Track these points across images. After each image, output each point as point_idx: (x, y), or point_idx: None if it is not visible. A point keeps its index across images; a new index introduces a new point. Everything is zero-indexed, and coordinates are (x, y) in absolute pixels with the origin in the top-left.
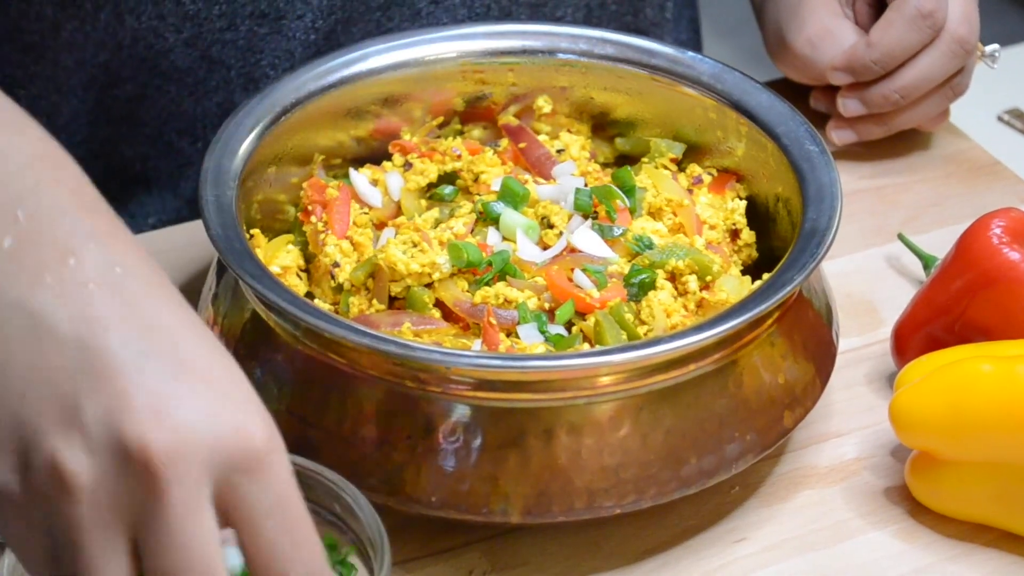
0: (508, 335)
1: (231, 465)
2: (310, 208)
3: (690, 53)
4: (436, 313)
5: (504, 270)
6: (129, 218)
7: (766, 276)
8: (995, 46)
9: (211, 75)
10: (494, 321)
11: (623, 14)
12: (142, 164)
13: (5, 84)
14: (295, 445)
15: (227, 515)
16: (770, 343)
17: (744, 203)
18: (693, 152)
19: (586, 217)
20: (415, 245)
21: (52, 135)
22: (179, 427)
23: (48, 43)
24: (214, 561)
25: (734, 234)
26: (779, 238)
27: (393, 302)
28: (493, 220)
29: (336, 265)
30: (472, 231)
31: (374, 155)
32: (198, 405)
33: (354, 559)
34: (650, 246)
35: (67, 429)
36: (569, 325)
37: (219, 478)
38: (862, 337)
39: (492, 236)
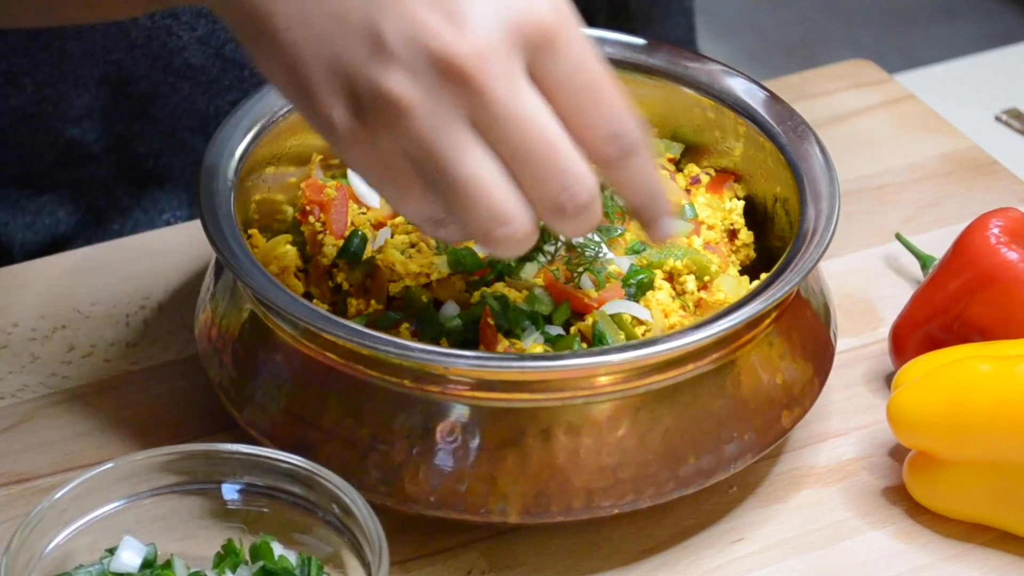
0: (506, 335)
1: (530, 46)
2: (308, 208)
3: (688, 52)
4: (435, 313)
5: (502, 270)
6: (143, 213)
7: (764, 276)
8: None
9: (225, 73)
10: (492, 321)
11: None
12: (155, 160)
13: (12, 72)
14: (293, 445)
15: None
16: (768, 343)
17: (742, 203)
18: (691, 152)
19: None
20: (413, 245)
21: (63, 126)
22: (476, 28)
23: (54, 30)
24: (552, 125)
25: (732, 234)
26: (777, 238)
27: (391, 302)
28: None
29: (334, 265)
30: None
31: None
32: (481, 3)
33: (352, 560)
34: (644, 249)
35: (379, 58)
36: (567, 325)
37: (527, 59)
38: (860, 337)
39: None
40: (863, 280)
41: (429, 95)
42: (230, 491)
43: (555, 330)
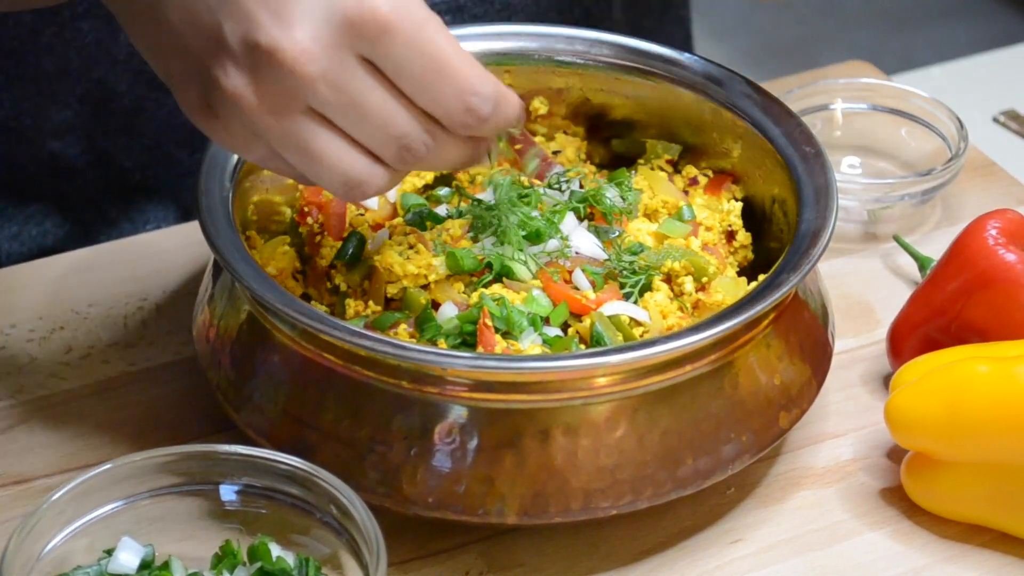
0: (504, 336)
1: (364, 37)
2: (306, 210)
3: (686, 54)
4: (433, 315)
5: (501, 271)
6: (129, 224)
7: (762, 277)
8: None
9: None
10: (490, 323)
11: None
12: (141, 174)
13: None
14: (291, 446)
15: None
16: (766, 344)
17: (740, 204)
18: (689, 153)
19: (581, 219)
20: (411, 247)
21: (44, 139)
22: (301, 25)
23: (28, 48)
24: (379, 101)
25: (730, 235)
26: (775, 239)
27: (389, 303)
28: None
29: (332, 267)
30: (468, 232)
31: None
32: (311, 1)
33: (350, 561)
34: (642, 249)
35: (219, 55)
36: (565, 326)
37: (360, 50)
38: (858, 338)
39: (487, 244)
40: (861, 281)
41: (263, 87)
42: (228, 492)
43: (553, 331)
